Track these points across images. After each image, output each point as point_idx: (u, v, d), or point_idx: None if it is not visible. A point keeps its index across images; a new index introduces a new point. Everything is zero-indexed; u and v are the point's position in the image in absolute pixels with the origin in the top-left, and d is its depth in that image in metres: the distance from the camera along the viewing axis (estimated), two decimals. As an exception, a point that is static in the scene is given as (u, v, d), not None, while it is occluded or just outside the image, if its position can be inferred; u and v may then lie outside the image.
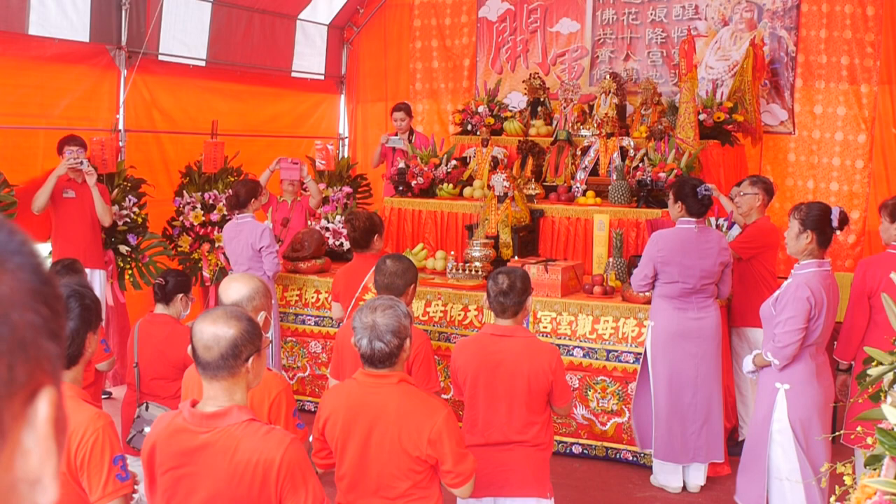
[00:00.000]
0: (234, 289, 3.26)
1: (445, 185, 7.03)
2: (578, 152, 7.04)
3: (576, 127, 7.31)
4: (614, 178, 6.50)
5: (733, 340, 5.65)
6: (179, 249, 7.23)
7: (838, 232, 4.03)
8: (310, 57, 9.27)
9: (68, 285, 2.54)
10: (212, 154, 7.36)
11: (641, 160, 6.51)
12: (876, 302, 4.37)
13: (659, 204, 6.13)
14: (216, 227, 7.17)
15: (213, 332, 2.36)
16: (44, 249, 5.88)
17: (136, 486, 2.60)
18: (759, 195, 5.51)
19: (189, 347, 2.42)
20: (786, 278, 4.17)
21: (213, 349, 2.35)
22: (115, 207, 6.44)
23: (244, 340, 2.37)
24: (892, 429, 1.88)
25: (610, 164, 6.76)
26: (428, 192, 7.05)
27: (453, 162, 7.14)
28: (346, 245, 6.83)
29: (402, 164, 7.24)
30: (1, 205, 5.64)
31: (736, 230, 5.74)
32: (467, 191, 6.98)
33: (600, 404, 5.47)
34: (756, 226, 5.53)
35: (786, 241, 4.09)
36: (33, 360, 0.70)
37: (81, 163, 5.95)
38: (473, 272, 6.04)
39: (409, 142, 7.74)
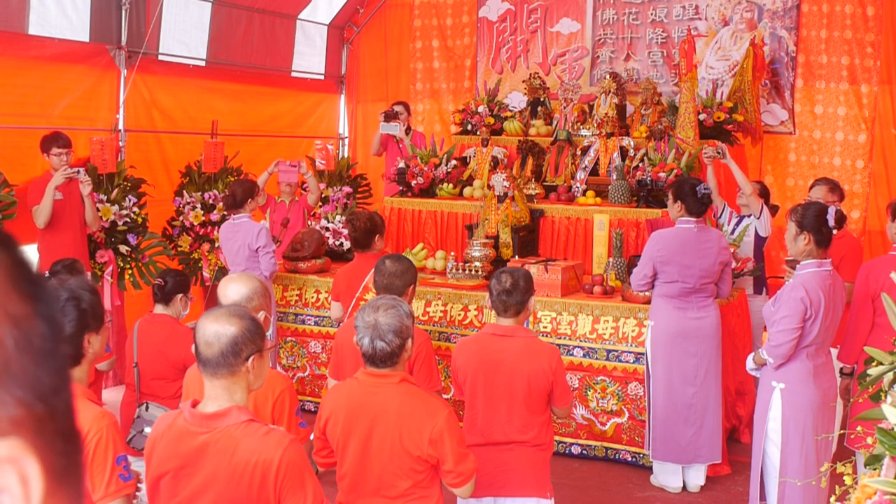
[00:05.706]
0: (233, 289, 3.25)
1: (445, 185, 7.03)
2: (578, 152, 7.04)
3: (576, 127, 7.30)
4: (614, 178, 6.50)
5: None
6: (179, 249, 7.23)
7: (836, 231, 4.04)
8: (310, 57, 9.27)
9: (66, 288, 2.53)
10: (212, 154, 7.36)
11: (641, 160, 6.51)
12: (879, 304, 4.37)
13: (659, 204, 6.13)
14: (216, 227, 7.17)
15: (215, 329, 2.37)
16: (30, 252, 5.82)
17: (138, 486, 2.61)
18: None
19: (192, 346, 2.43)
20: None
21: (214, 345, 2.35)
22: (115, 207, 6.43)
23: (245, 339, 2.37)
24: (892, 429, 1.88)
25: (610, 164, 6.76)
26: (428, 191, 7.05)
27: (453, 162, 7.14)
28: (347, 245, 6.83)
29: (402, 164, 7.24)
30: (1, 205, 5.64)
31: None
32: (467, 191, 6.98)
33: (600, 404, 5.47)
34: None
35: (786, 243, 4.10)
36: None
37: (78, 172, 5.85)
38: (473, 272, 6.04)
39: (406, 136, 7.73)
